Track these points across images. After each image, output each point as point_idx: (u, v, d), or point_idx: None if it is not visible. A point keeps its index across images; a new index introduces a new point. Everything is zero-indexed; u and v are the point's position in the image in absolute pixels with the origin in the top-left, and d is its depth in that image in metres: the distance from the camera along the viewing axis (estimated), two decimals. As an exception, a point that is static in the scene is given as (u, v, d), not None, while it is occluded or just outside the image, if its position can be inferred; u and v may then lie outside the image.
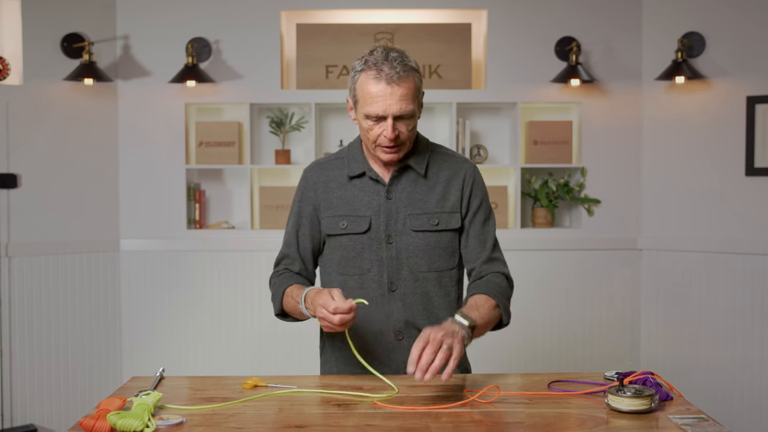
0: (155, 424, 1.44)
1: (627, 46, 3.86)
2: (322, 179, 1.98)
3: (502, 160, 4.04)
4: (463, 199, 1.95)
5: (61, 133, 3.71)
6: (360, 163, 1.95)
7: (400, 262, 1.90)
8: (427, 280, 1.92)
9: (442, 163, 1.97)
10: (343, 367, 1.96)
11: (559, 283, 3.90)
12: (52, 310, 3.68)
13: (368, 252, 1.91)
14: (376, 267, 1.91)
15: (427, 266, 1.91)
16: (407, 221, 1.91)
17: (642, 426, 1.47)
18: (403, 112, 1.81)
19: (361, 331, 1.91)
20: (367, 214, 1.91)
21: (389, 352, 1.92)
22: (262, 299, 3.89)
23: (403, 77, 1.79)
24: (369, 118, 1.83)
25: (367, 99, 1.81)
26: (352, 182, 1.95)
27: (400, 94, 1.79)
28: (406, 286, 1.91)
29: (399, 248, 1.90)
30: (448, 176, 1.95)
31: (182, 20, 3.85)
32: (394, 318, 1.91)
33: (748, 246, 3.63)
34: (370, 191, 1.93)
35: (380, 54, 1.82)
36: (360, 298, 1.73)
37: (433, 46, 3.86)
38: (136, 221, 3.89)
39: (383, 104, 1.80)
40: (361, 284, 1.91)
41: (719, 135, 3.71)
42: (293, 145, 4.01)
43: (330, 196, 1.95)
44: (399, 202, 1.92)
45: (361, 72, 1.84)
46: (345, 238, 1.92)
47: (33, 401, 3.63)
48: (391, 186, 1.92)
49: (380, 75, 1.79)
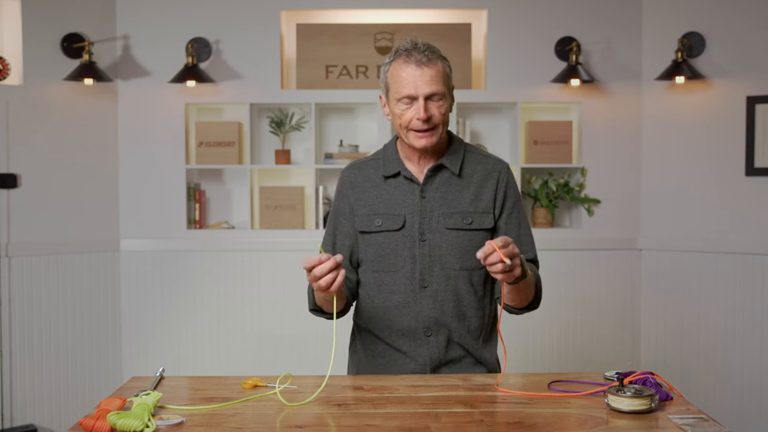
0: (155, 424, 1.44)
1: (627, 46, 3.86)
2: (359, 179, 2.00)
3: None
4: (497, 200, 1.97)
5: (61, 133, 3.71)
6: (395, 163, 1.98)
7: (432, 260, 1.92)
8: (458, 278, 1.94)
9: (476, 163, 1.99)
10: (371, 360, 1.99)
11: (559, 283, 3.89)
12: (52, 310, 3.68)
13: (402, 249, 1.93)
14: (409, 264, 1.93)
15: (459, 264, 1.93)
16: (441, 219, 1.93)
17: (642, 426, 1.47)
18: (433, 92, 1.85)
19: (390, 326, 1.95)
20: (401, 213, 1.94)
21: (417, 347, 1.94)
22: (262, 299, 3.89)
23: (432, 60, 1.86)
24: (401, 101, 1.87)
25: (399, 82, 1.87)
26: (387, 182, 1.97)
27: (430, 74, 1.85)
28: (437, 284, 1.93)
29: (432, 246, 1.93)
30: (482, 176, 1.97)
31: (182, 20, 3.85)
32: (424, 314, 1.93)
33: (748, 246, 3.63)
34: (405, 190, 1.96)
35: (409, 43, 1.89)
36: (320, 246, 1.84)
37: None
38: (136, 221, 3.89)
39: (413, 84, 1.85)
40: (394, 280, 1.94)
41: (719, 135, 3.71)
42: (293, 145, 4.01)
43: (366, 195, 1.98)
44: (433, 201, 1.94)
45: (391, 62, 1.90)
46: (380, 236, 1.94)
47: (33, 401, 3.63)
48: (425, 185, 1.95)
49: (410, 59, 1.86)
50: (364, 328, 2.02)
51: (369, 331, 2.00)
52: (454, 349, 1.95)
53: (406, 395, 1.67)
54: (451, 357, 1.95)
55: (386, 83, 1.91)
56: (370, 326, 1.99)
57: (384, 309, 1.95)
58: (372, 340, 2.00)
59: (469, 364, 1.97)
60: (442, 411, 1.56)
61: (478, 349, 1.98)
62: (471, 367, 1.97)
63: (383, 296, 1.95)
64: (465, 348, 1.96)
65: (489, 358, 2.01)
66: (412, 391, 1.70)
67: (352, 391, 1.71)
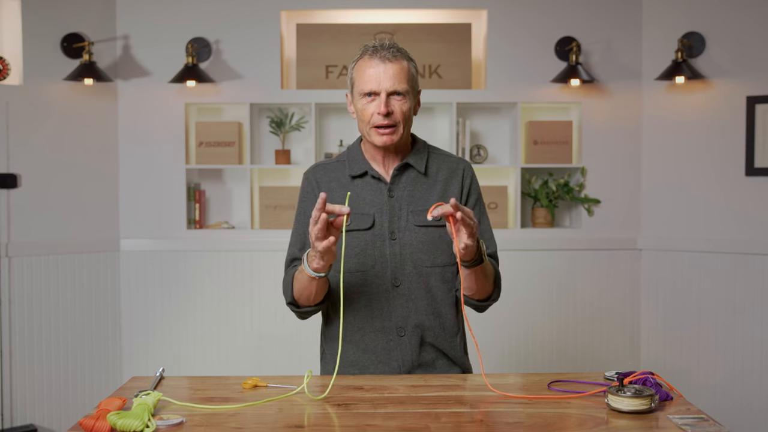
0: (155, 424, 1.44)
1: (627, 46, 3.86)
2: (325, 179, 2.00)
3: (502, 160, 4.04)
4: (462, 195, 1.99)
5: (61, 133, 3.71)
6: (361, 163, 1.98)
7: (403, 258, 1.92)
8: (430, 275, 1.94)
9: (440, 162, 2.02)
10: (343, 369, 1.96)
11: (559, 283, 3.90)
12: (52, 310, 3.68)
13: (372, 249, 1.93)
14: (379, 263, 1.92)
15: (431, 261, 1.93)
16: (410, 217, 1.94)
17: (642, 426, 1.47)
18: (396, 89, 1.88)
19: (363, 327, 1.93)
20: (370, 212, 1.94)
21: (390, 349, 1.93)
22: (262, 299, 3.89)
23: (397, 57, 1.89)
24: (363, 97, 1.90)
25: (362, 77, 1.89)
26: (354, 182, 1.97)
27: (394, 70, 1.87)
28: (410, 282, 1.93)
29: (402, 244, 1.93)
30: (447, 174, 2.00)
31: (182, 20, 3.85)
32: (397, 314, 1.93)
33: (748, 246, 3.63)
34: (373, 190, 1.96)
35: (376, 42, 1.93)
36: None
37: (433, 46, 3.86)
38: (136, 221, 3.89)
39: (376, 80, 1.87)
40: (365, 280, 1.93)
41: (719, 135, 3.71)
42: (293, 145, 4.01)
43: (333, 195, 1.97)
44: (401, 200, 1.95)
45: (357, 60, 1.93)
46: (348, 235, 1.93)
47: (33, 401, 3.63)
48: (392, 184, 1.96)
49: (374, 55, 1.89)
50: (334, 335, 1.99)
51: (337, 338, 1.97)
52: (427, 350, 1.95)
53: (406, 395, 1.67)
54: (425, 359, 1.94)
55: (351, 80, 1.94)
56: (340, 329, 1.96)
57: (354, 309, 1.93)
58: (344, 347, 1.96)
59: (444, 365, 1.97)
60: (442, 411, 1.56)
61: (453, 349, 1.98)
62: (445, 369, 1.96)
63: (354, 296, 1.93)
64: (439, 349, 1.96)
65: (463, 359, 2.02)
66: (412, 391, 1.70)
67: (352, 391, 1.71)
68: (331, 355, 2.01)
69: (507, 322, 3.84)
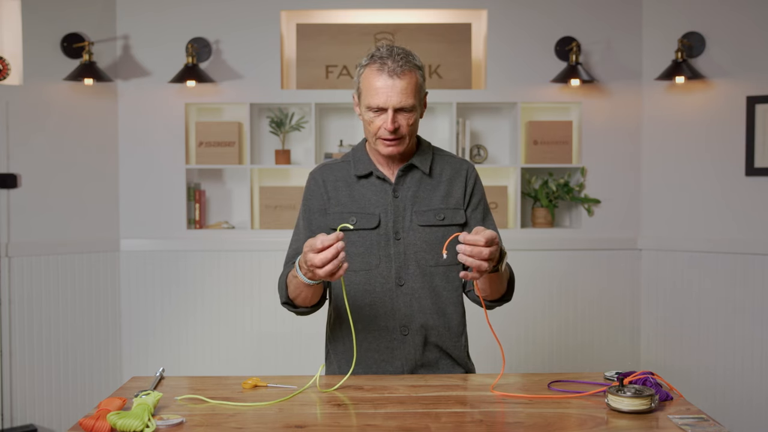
0: (155, 424, 1.44)
1: (627, 46, 3.86)
2: (330, 178, 2.01)
3: (502, 160, 4.04)
4: (465, 195, 2.01)
5: (61, 133, 3.71)
6: (366, 163, 1.99)
7: (407, 258, 1.93)
8: (435, 274, 1.95)
9: (444, 163, 2.03)
10: (346, 368, 1.96)
11: (559, 283, 3.90)
12: (52, 310, 3.68)
13: (376, 248, 1.94)
14: (384, 263, 1.93)
15: (435, 261, 1.94)
16: (414, 218, 1.95)
17: (642, 426, 1.47)
18: (403, 105, 1.86)
19: (366, 326, 1.93)
20: (375, 212, 1.95)
21: (393, 348, 1.94)
22: (262, 299, 3.89)
23: (405, 71, 1.86)
24: (371, 110, 1.89)
25: (370, 91, 1.87)
26: (359, 182, 1.99)
27: (402, 87, 1.85)
28: (414, 281, 1.94)
29: (407, 244, 1.94)
30: (451, 175, 2.01)
31: (182, 20, 3.85)
32: (401, 313, 1.93)
33: (748, 246, 3.63)
34: (378, 190, 1.97)
35: (385, 50, 1.89)
36: (344, 224, 1.78)
37: (433, 46, 3.86)
38: (136, 221, 3.89)
39: (384, 96, 1.85)
40: (368, 280, 1.94)
41: (719, 135, 3.71)
42: (293, 145, 4.01)
43: (339, 194, 1.98)
44: (405, 200, 1.96)
45: (365, 66, 1.90)
46: (354, 234, 1.94)
47: (33, 401, 3.63)
48: (397, 185, 1.97)
49: (383, 68, 1.86)
50: (338, 336, 2.00)
51: (343, 339, 1.97)
52: (430, 350, 1.95)
53: (406, 395, 1.67)
54: (428, 359, 1.95)
55: (359, 87, 1.93)
56: (346, 328, 1.96)
57: (359, 308, 1.94)
58: (348, 346, 1.95)
59: (447, 366, 1.97)
60: (442, 411, 1.56)
61: (457, 349, 1.98)
62: (448, 369, 1.97)
63: (358, 295, 1.94)
64: (442, 349, 1.96)
65: (466, 360, 2.02)
66: (412, 391, 1.70)
67: (352, 391, 1.72)
68: (335, 355, 2.02)
69: (507, 322, 3.84)
